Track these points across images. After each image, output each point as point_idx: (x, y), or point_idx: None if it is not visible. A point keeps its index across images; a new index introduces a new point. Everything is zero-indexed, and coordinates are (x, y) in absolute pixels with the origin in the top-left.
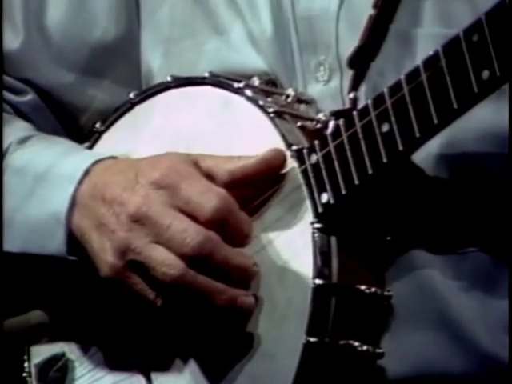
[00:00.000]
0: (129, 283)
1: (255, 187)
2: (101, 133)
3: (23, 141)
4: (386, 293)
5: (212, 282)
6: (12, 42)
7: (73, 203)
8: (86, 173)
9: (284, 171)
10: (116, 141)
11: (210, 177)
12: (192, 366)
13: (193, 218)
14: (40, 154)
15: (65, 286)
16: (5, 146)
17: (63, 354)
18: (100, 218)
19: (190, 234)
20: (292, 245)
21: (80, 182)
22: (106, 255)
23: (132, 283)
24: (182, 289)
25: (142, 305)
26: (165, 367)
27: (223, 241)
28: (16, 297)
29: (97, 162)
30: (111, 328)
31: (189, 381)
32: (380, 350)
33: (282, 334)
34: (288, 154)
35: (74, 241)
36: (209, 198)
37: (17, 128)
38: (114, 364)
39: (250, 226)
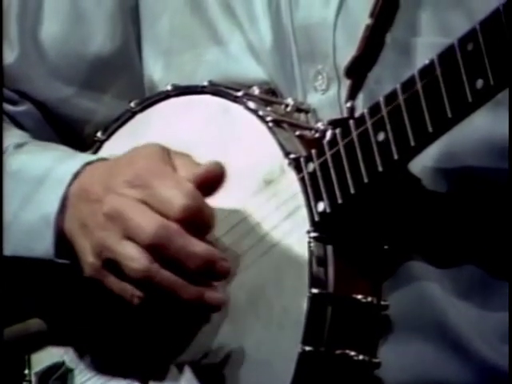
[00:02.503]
0: (107, 282)
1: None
2: (102, 142)
3: (20, 146)
4: (382, 302)
5: (175, 276)
6: (7, 56)
7: (63, 205)
8: (76, 176)
9: (281, 180)
10: (117, 149)
11: None
12: (188, 374)
13: (163, 214)
14: (36, 159)
15: (63, 295)
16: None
17: (63, 363)
18: (83, 219)
19: (147, 223)
20: (289, 253)
21: (69, 185)
22: (86, 255)
23: (109, 282)
24: (150, 283)
25: (123, 305)
26: (162, 376)
27: (191, 234)
28: (15, 305)
29: (87, 164)
30: (110, 336)
31: None
32: (376, 360)
33: (278, 343)
34: (285, 162)
35: (64, 243)
36: (177, 195)
37: (14, 134)
38: (112, 372)
39: (214, 217)
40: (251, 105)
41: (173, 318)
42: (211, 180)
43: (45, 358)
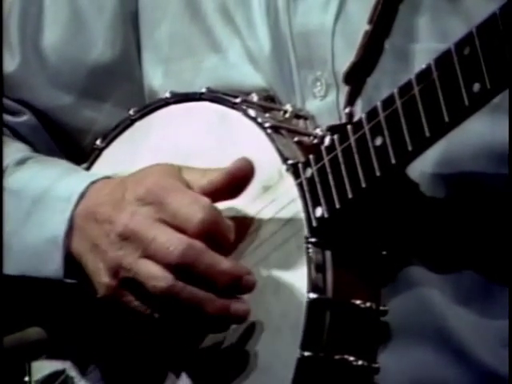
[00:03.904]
0: (124, 301)
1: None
2: (101, 149)
3: (20, 163)
4: (381, 307)
5: (201, 291)
6: (8, 64)
7: (70, 227)
8: (82, 196)
9: (280, 185)
10: (116, 157)
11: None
12: (187, 380)
13: (181, 230)
14: (37, 176)
15: (63, 303)
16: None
17: (63, 371)
18: (94, 239)
19: (173, 243)
20: (287, 259)
21: (76, 205)
22: (100, 276)
23: (127, 301)
24: (173, 300)
25: (139, 322)
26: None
27: (211, 248)
28: (15, 313)
29: (92, 183)
30: (110, 345)
31: None
32: (376, 365)
33: (277, 348)
34: (284, 167)
35: (73, 264)
36: (194, 210)
37: (14, 149)
38: (113, 381)
39: (232, 232)
40: (249, 111)
41: (182, 329)
42: (235, 183)
43: (45, 365)
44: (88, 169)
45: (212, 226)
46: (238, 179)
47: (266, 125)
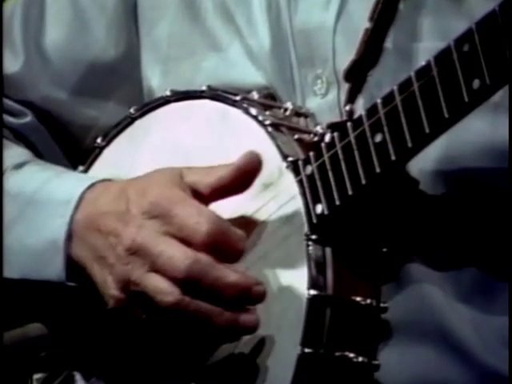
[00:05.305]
0: (134, 313)
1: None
2: (102, 148)
3: (19, 166)
4: (381, 304)
5: (208, 305)
6: (12, 64)
7: (70, 232)
8: (80, 199)
9: (280, 183)
10: (117, 156)
11: (194, 191)
12: (187, 378)
13: (187, 243)
14: (33, 177)
15: (65, 299)
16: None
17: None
18: (98, 251)
19: (179, 258)
20: (288, 256)
21: (75, 209)
22: (109, 289)
23: (137, 313)
24: (181, 314)
25: (147, 332)
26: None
27: (220, 259)
28: (15, 309)
29: (90, 186)
30: (113, 342)
31: None
32: (376, 362)
33: (278, 345)
34: (284, 165)
35: (74, 268)
36: (200, 222)
37: (14, 153)
38: (116, 378)
39: (243, 241)
40: (250, 109)
41: (191, 341)
42: (244, 176)
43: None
44: (89, 167)
45: (218, 237)
46: (247, 173)
47: (267, 122)
